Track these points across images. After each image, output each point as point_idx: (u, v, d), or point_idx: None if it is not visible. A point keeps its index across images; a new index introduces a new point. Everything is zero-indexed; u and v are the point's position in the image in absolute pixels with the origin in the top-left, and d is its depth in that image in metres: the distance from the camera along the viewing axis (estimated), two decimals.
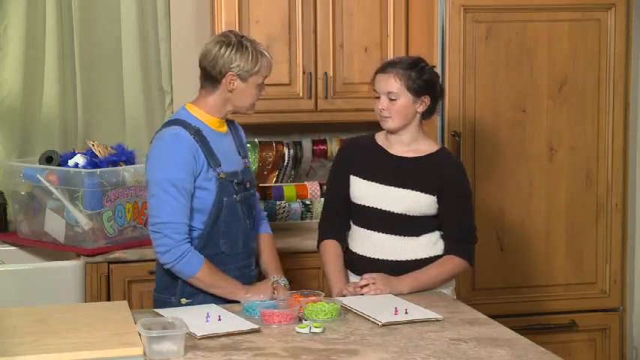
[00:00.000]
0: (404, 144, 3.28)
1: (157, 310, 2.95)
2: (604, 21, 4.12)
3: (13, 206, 4.08)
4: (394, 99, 3.20)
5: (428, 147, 3.29)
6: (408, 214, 3.21)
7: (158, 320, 2.66)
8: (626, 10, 4.13)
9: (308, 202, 4.38)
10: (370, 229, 3.27)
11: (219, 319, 2.81)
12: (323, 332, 2.74)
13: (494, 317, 2.94)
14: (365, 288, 3.15)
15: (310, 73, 4.21)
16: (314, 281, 3.98)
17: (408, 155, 3.27)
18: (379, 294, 3.12)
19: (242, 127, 3.37)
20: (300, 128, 4.50)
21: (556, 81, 4.11)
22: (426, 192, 3.22)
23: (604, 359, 4.29)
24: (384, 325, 2.80)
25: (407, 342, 2.65)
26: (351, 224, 3.34)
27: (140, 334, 2.54)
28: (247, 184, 3.22)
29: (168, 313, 2.85)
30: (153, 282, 3.25)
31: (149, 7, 4.34)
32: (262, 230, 3.38)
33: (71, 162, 3.92)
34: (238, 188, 3.16)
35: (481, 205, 3.99)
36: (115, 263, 3.84)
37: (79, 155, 3.94)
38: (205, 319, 2.80)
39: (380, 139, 3.34)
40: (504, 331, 2.77)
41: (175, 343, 2.52)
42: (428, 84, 3.22)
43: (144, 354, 2.50)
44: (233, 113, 3.20)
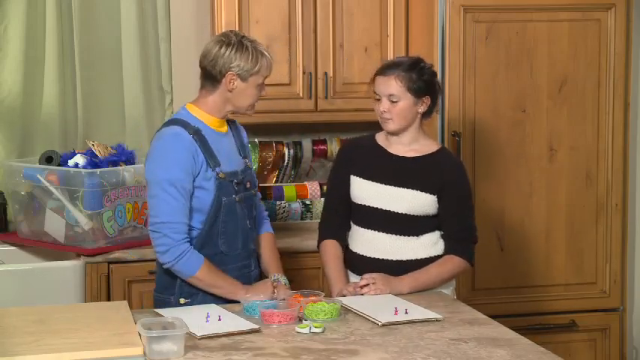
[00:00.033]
0: (404, 144, 3.28)
1: (157, 310, 2.95)
2: (604, 21, 4.12)
3: (13, 206, 4.08)
4: (395, 101, 3.19)
5: (428, 147, 3.29)
6: (410, 214, 3.21)
7: (158, 320, 2.66)
8: (626, 10, 4.13)
9: (308, 202, 4.38)
10: (371, 229, 3.26)
11: (219, 319, 2.81)
12: (323, 332, 2.74)
13: (494, 317, 2.94)
14: (365, 288, 3.15)
15: (310, 73, 4.21)
16: (314, 281, 3.98)
17: (409, 155, 3.27)
18: (379, 294, 3.12)
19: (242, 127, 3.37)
20: (300, 128, 4.50)
21: (556, 81, 4.11)
22: (427, 191, 3.22)
23: (604, 359, 4.29)
24: (384, 325, 2.80)
25: (407, 342, 2.65)
26: (352, 224, 3.34)
27: (140, 334, 2.54)
28: (247, 184, 3.21)
29: (168, 313, 2.85)
30: (153, 282, 3.25)
31: (149, 7, 4.34)
32: (264, 230, 3.38)
33: (71, 162, 3.92)
34: (238, 188, 3.16)
35: (481, 205, 3.98)
36: (115, 263, 3.84)
37: (79, 155, 3.94)
38: (205, 319, 2.80)
39: (380, 139, 3.34)
40: (504, 331, 2.77)
41: (175, 343, 2.52)
42: (428, 84, 3.22)
43: (144, 354, 2.50)
44: (233, 113, 3.20)
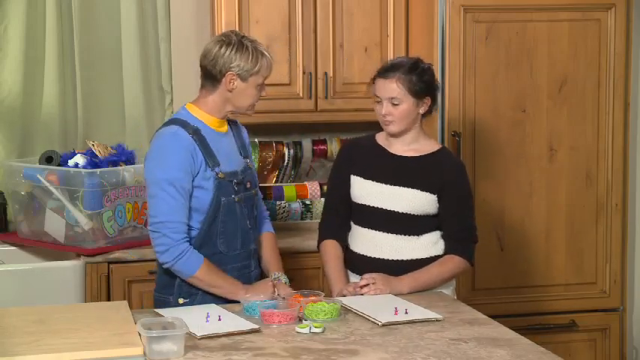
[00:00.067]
0: (405, 143, 3.28)
1: (157, 310, 2.95)
2: (604, 21, 4.12)
3: (13, 206, 4.08)
4: (397, 104, 3.19)
5: (428, 146, 3.29)
6: (410, 213, 3.21)
7: (158, 320, 2.66)
8: (626, 10, 4.13)
9: (308, 202, 4.38)
10: (371, 229, 3.26)
11: (219, 319, 2.80)
12: (323, 332, 2.74)
13: (494, 317, 2.94)
14: (365, 288, 3.15)
15: (310, 73, 4.21)
16: (314, 281, 3.98)
17: (409, 155, 3.27)
18: (379, 294, 3.12)
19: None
20: (300, 128, 4.50)
21: (556, 81, 4.11)
22: (427, 190, 3.22)
23: (604, 359, 4.29)
24: (384, 325, 2.80)
25: (407, 342, 2.65)
26: (352, 224, 3.34)
27: (140, 334, 2.54)
28: (247, 184, 3.21)
29: (168, 313, 2.85)
30: (153, 282, 3.25)
31: (149, 7, 4.33)
32: (264, 229, 3.38)
33: (71, 162, 3.92)
34: (238, 188, 3.15)
35: (481, 205, 3.98)
36: (115, 263, 3.84)
37: (79, 155, 3.94)
38: (205, 319, 2.80)
39: (380, 139, 3.34)
40: (504, 331, 2.77)
41: (175, 343, 2.52)
42: (428, 85, 3.22)
43: (144, 354, 2.50)
44: (233, 113, 3.20)
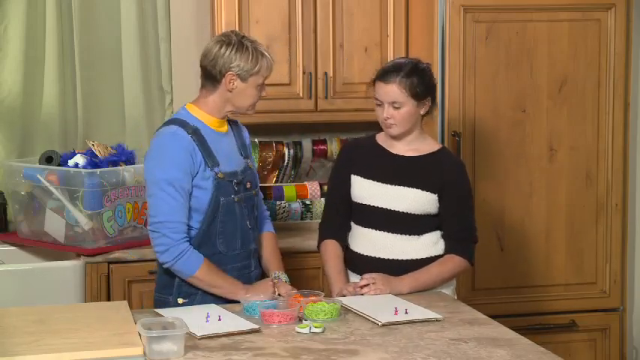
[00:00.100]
0: (405, 144, 3.28)
1: (157, 310, 2.95)
2: (604, 21, 4.12)
3: (13, 206, 4.08)
4: (398, 107, 3.19)
5: (429, 146, 3.29)
6: (411, 213, 3.21)
7: (158, 320, 2.66)
8: (626, 10, 4.13)
9: (308, 202, 4.37)
10: (372, 228, 3.26)
11: (219, 319, 2.80)
12: (323, 332, 2.74)
13: (494, 317, 2.93)
14: (365, 288, 3.15)
15: (310, 73, 4.21)
16: (314, 281, 3.98)
17: (409, 154, 3.27)
18: (379, 294, 3.12)
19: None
20: (300, 128, 4.50)
21: (556, 81, 4.11)
22: (427, 190, 3.21)
23: (604, 359, 4.29)
24: (384, 325, 2.80)
25: (407, 342, 2.65)
26: (352, 224, 3.34)
27: (140, 334, 2.54)
28: (247, 185, 3.21)
29: (168, 313, 2.85)
30: (153, 282, 3.25)
31: (149, 7, 4.33)
32: (265, 229, 3.38)
33: (71, 162, 3.92)
34: (238, 188, 3.15)
35: (481, 205, 3.98)
36: (115, 263, 3.84)
37: (79, 155, 3.94)
38: (205, 319, 2.80)
39: (380, 139, 3.34)
40: (504, 331, 2.77)
41: (175, 343, 2.52)
42: (429, 87, 3.22)
43: (144, 354, 2.50)
44: (233, 113, 3.20)
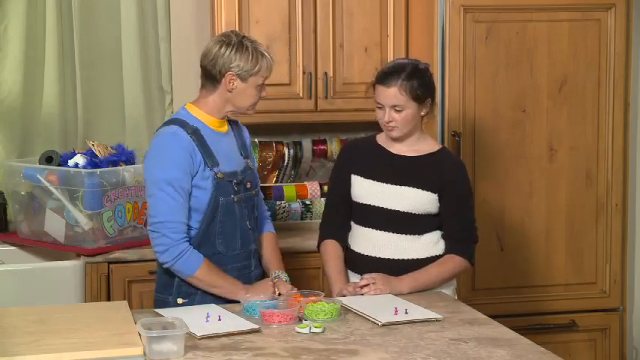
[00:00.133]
0: (406, 144, 3.27)
1: (157, 310, 2.95)
2: (604, 21, 4.12)
3: (13, 206, 4.08)
4: (400, 110, 3.18)
5: (429, 146, 3.29)
6: (411, 212, 3.21)
7: (158, 320, 2.66)
8: (626, 10, 4.13)
9: (308, 202, 4.37)
10: (372, 228, 3.26)
11: (219, 319, 2.80)
12: (323, 332, 2.74)
13: (494, 317, 2.93)
14: (365, 288, 3.15)
15: (310, 73, 4.21)
16: (314, 281, 3.98)
17: (409, 154, 3.27)
18: (379, 294, 3.12)
19: None
20: (300, 128, 4.50)
21: (556, 81, 4.11)
22: (428, 189, 3.21)
23: (604, 359, 4.29)
24: (384, 325, 2.80)
25: (407, 342, 2.65)
26: (353, 224, 3.34)
27: (140, 334, 2.54)
28: (247, 185, 3.21)
29: (168, 313, 2.85)
30: (153, 282, 3.25)
31: (149, 7, 4.33)
32: (265, 229, 3.38)
33: (71, 162, 3.92)
34: (238, 188, 3.15)
35: (481, 205, 3.98)
36: (115, 263, 3.84)
37: (79, 155, 3.94)
38: (205, 319, 2.80)
39: (381, 140, 3.34)
40: (504, 331, 2.77)
41: (175, 343, 2.52)
42: (429, 88, 3.22)
43: (144, 354, 2.50)
44: (234, 113, 3.20)
